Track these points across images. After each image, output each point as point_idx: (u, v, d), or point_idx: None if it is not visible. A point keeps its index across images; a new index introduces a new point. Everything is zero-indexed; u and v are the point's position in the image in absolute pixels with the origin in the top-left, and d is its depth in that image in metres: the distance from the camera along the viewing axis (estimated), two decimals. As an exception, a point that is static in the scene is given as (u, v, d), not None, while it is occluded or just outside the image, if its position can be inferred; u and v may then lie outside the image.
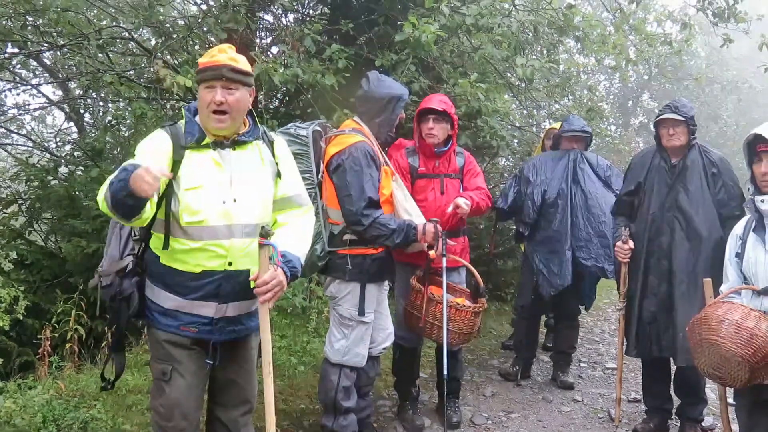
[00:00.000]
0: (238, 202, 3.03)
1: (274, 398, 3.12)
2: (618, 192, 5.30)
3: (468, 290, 4.92)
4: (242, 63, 3.08)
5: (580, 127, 5.98)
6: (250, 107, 3.21)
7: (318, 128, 4.04)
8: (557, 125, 7.09)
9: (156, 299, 3.10)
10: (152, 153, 2.95)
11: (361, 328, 4.19)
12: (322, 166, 4.14)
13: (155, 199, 2.88)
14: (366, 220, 3.99)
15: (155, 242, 3.07)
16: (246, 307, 3.16)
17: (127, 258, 3.15)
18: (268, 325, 2.97)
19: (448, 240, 4.63)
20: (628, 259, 4.84)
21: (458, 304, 4.58)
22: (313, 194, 3.96)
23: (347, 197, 4.00)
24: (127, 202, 2.63)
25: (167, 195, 2.97)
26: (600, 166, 5.88)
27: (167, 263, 3.05)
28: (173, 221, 2.98)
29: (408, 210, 4.33)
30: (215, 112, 2.99)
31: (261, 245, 2.91)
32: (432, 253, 4.33)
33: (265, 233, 2.89)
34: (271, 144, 3.26)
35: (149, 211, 2.83)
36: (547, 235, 5.72)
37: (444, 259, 4.56)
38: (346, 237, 4.12)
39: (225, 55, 3.03)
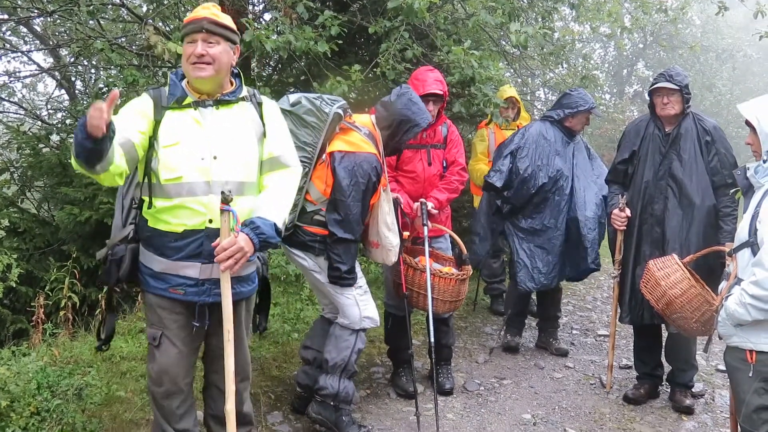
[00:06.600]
0: (219, 159, 3.05)
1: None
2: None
3: (453, 258, 4.97)
4: (224, 18, 3.09)
5: (591, 102, 5.69)
6: (238, 70, 3.24)
7: (340, 111, 4.00)
8: (512, 91, 6.95)
9: (148, 263, 3.15)
10: (131, 113, 3.06)
11: (360, 291, 4.23)
12: (327, 148, 4.10)
13: (131, 154, 2.94)
14: (348, 235, 4.00)
15: (144, 206, 3.11)
16: (236, 271, 3.14)
17: (129, 227, 3.20)
18: (229, 292, 2.93)
19: (431, 209, 4.76)
20: (625, 227, 4.86)
21: (442, 272, 4.60)
22: (307, 169, 3.99)
23: (346, 204, 3.98)
24: (86, 145, 2.59)
25: (148, 155, 3.05)
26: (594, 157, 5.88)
27: (154, 225, 3.09)
28: (155, 181, 3.04)
29: (388, 223, 4.26)
30: (195, 62, 3.01)
31: (221, 211, 2.89)
32: (406, 234, 4.50)
33: (224, 198, 2.85)
34: (259, 105, 3.26)
35: (117, 163, 2.80)
36: (534, 227, 5.58)
37: (425, 228, 4.60)
38: (317, 218, 4.10)
39: (207, 11, 3.07)
